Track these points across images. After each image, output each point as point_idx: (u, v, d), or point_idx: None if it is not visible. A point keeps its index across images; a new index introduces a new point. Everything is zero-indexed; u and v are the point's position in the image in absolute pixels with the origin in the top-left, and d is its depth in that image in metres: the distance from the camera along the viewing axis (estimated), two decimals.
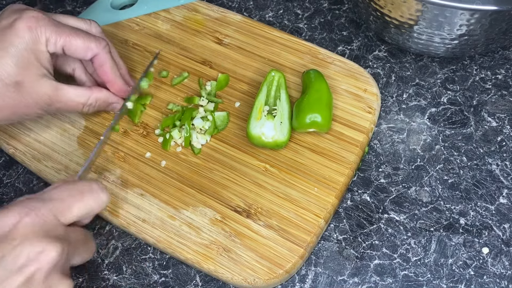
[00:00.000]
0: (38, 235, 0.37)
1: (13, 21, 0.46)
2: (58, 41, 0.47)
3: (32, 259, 0.36)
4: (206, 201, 0.51)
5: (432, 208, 0.52)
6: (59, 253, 0.37)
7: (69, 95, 0.49)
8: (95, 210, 0.43)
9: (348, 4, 0.67)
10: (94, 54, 0.50)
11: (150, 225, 0.50)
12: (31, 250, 0.37)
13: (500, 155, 0.55)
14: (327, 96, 0.52)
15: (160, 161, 0.54)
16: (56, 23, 0.47)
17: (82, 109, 0.52)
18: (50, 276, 0.37)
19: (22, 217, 0.38)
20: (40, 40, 0.46)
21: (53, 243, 0.37)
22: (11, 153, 0.56)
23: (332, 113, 0.53)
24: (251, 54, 0.60)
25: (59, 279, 0.38)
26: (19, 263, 0.36)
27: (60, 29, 0.47)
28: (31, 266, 0.36)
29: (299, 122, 0.51)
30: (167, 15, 0.65)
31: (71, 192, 0.42)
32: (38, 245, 0.37)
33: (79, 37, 0.48)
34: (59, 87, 0.49)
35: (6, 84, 0.46)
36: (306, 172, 0.52)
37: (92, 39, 0.49)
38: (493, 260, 0.49)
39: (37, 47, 0.46)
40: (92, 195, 0.43)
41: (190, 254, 0.48)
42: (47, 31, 0.46)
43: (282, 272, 0.47)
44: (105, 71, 0.51)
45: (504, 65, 0.61)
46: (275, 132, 0.51)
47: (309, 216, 0.49)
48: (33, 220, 0.38)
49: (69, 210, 0.41)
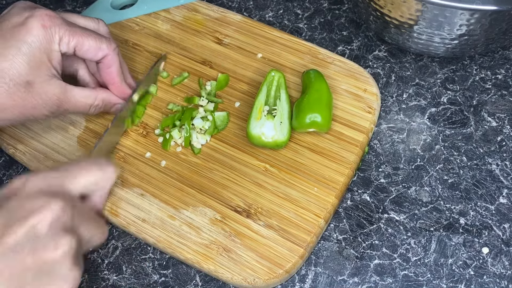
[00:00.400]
0: (44, 192, 0.40)
1: (26, 19, 0.45)
2: (71, 41, 0.47)
3: (35, 211, 0.38)
4: (206, 201, 0.51)
5: (432, 208, 0.52)
6: (61, 207, 0.38)
7: (77, 97, 0.49)
8: (101, 182, 0.45)
9: (348, 4, 0.67)
10: (104, 55, 0.49)
11: (150, 225, 0.50)
12: (35, 203, 0.38)
13: (500, 155, 0.55)
14: (327, 96, 0.52)
15: (160, 161, 0.54)
16: (68, 22, 0.47)
17: (88, 110, 0.51)
18: (53, 229, 0.38)
19: (28, 178, 0.41)
20: (54, 39, 0.46)
21: (56, 199, 0.39)
22: (11, 153, 0.56)
23: (332, 113, 0.53)
24: (251, 54, 0.60)
25: (62, 233, 0.38)
26: (23, 214, 0.38)
27: (73, 29, 0.47)
28: (34, 217, 0.37)
29: (299, 122, 0.51)
30: (167, 15, 0.65)
31: (79, 164, 0.44)
32: (42, 199, 0.39)
33: (91, 38, 0.48)
34: (68, 88, 0.48)
35: (17, 83, 0.45)
36: (306, 172, 0.52)
37: (104, 40, 0.49)
38: (493, 260, 0.49)
39: (50, 47, 0.46)
40: (98, 167, 0.44)
41: (190, 254, 0.48)
42: (60, 30, 0.46)
43: (282, 272, 0.47)
44: (112, 72, 0.51)
45: (504, 65, 0.61)
46: (275, 132, 0.51)
47: (309, 216, 0.49)
48: (39, 182, 0.41)
49: (74, 177, 0.43)
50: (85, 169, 0.44)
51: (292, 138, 0.54)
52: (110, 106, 0.54)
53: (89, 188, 0.44)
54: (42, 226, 0.37)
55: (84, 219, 0.41)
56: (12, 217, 0.38)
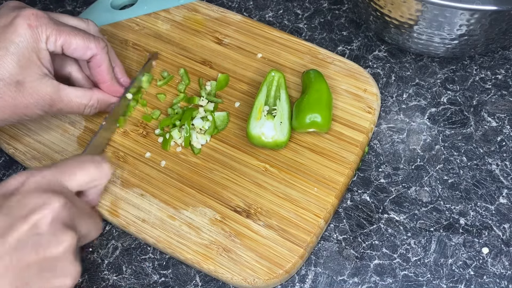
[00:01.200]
0: (44, 190, 0.40)
1: (13, 19, 0.46)
2: (58, 40, 0.47)
3: (36, 208, 0.38)
4: (206, 201, 0.51)
5: (432, 208, 0.52)
6: (62, 204, 0.39)
7: (71, 96, 0.49)
8: (98, 179, 0.45)
9: (348, 4, 0.67)
10: (93, 54, 0.49)
11: (150, 225, 0.50)
12: (36, 201, 0.39)
13: (500, 155, 0.55)
14: (327, 96, 0.52)
15: (160, 161, 0.54)
16: (55, 21, 0.47)
17: (83, 111, 0.52)
18: (54, 226, 0.38)
19: (28, 177, 0.41)
20: (41, 38, 0.46)
21: (56, 196, 0.39)
22: (11, 153, 0.56)
23: (332, 113, 0.53)
24: (251, 54, 0.60)
25: (63, 229, 0.39)
26: (25, 212, 0.38)
27: (60, 27, 0.47)
28: (35, 214, 0.38)
29: (299, 122, 0.51)
30: (167, 15, 0.65)
31: (74, 161, 0.44)
32: (42, 196, 0.39)
33: (78, 36, 0.48)
34: (61, 88, 0.49)
35: (7, 83, 0.45)
36: (306, 172, 0.52)
37: (92, 39, 0.49)
38: (493, 260, 0.49)
39: (38, 46, 0.46)
40: (94, 164, 0.45)
41: (190, 254, 0.48)
42: (47, 29, 0.46)
43: (282, 272, 0.47)
44: (102, 71, 0.51)
45: (504, 65, 0.61)
46: (275, 132, 0.51)
47: (309, 216, 0.49)
48: (38, 180, 0.41)
49: (72, 175, 0.43)
50: (81, 167, 0.44)
51: (292, 138, 0.54)
52: (106, 106, 0.54)
53: (86, 185, 0.45)
54: (43, 223, 0.38)
55: (81, 215, 0.42)
56: (14, 215, 0.38)
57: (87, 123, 0.57)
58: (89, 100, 0.51)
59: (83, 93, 0.51)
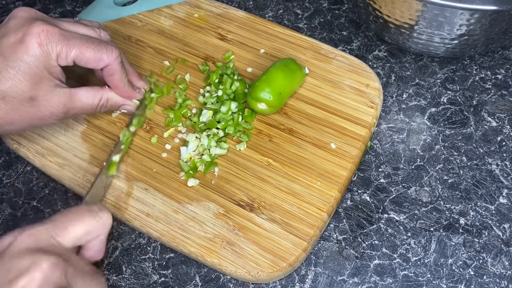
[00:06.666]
0: (31, 250, 0.37)
1: (23, 36, 0.45)
2: (69, 55, 0.46)
3: (23, 271, 0.35)
4: (210, 195, 0.51)
5: (432, 208, 0.52)
6: (51, 264, 0.36)
7: (83, 99, 0.49)
8: (95, 230, 0.42)
9: (348, 4, 0.67)
10: (106, 65, 0.49)
11: (154, 219, 0.50)
12: (24, 263, 0.36)
13: (500, 155, 0.55)
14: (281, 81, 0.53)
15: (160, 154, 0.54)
16: (66, 34, 0.46)
17: (96, 110, 0.52)
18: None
19: (16, 236, 0.38)
20: (51, 56, 0.46)
21: (45, 256, 0.36)
22: (14, 148, 0.56)
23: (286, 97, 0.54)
24: (253, 50, 0.60)
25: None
26: (11, 275, 0.35)
27: (71, 41, 0.46)
28: (22, 278, 0.35)
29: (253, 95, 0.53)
30: (169, 11, 0.65)
31: (69, 214, 0.41)
32: (30, 258, 0.36)
33: (90, 49, 0.47)
34: (72, 93, 0.49)
35: (21, 100, 0.46)
36: (309, 166, 0.52)
37: (104, 50, 0.48)
38: (493, 260, 0.49)
39: (49, 63, 0.46)
40: (91, 215, 0.41)
41: (194, 247, 0.48)
42: (58, 45, 0.46)
43: (286, 265, 0.47)
44: (114, 79, 0.51)
45: (504, 65, 0.61)
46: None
47: (312, 209, 0.49)
48: (27, 238, 0.38)
49: (65, 229, 0.40)
50: (75, 219, 0.40)
51: (295, 132, 0.54)
52: (117, 106, 0.54)
53: (83, 238, 0.41)
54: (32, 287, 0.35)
55: (79, 274, 0.39)
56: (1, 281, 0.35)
57: (91, 118, 0.57)
58: (99, 100, 0.51)
59: (93, 93, 0.50)
